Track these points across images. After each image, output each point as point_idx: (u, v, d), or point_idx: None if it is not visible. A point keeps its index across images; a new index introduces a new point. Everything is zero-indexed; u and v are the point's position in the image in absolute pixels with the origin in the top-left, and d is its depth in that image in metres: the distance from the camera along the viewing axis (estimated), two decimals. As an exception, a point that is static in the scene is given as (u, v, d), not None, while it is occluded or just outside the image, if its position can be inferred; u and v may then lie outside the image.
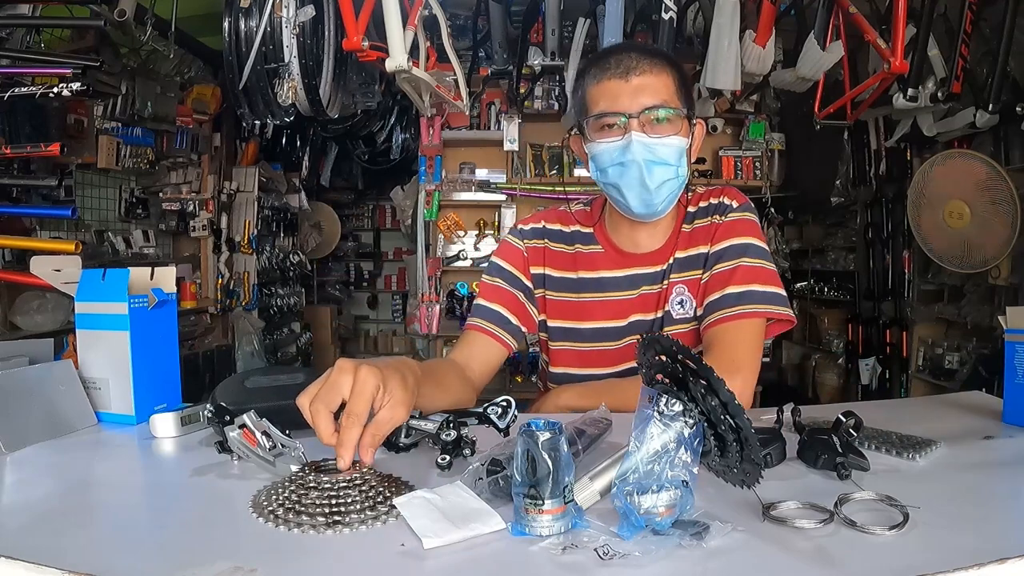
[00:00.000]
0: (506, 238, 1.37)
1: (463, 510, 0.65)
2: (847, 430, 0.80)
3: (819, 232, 5.02)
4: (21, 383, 0.96)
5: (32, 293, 2.83)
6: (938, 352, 3.67)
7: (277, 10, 2.52)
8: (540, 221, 1.35)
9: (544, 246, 1.33)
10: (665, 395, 0.66)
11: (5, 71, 2.16)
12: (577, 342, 1.29)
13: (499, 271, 1.32)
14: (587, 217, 1.33)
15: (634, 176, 1.12)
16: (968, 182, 2.84)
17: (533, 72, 3.38)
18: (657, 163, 1.12)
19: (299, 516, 0.65)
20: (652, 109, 1.10)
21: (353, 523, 0.64)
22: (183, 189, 4.04)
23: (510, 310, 1.28)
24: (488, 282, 1.32)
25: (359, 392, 0.72)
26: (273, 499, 0.68)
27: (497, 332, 1.25)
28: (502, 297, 1.29)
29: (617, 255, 1.28)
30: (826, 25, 2.60)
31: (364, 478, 0.71)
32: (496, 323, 1.26)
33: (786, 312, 1.16)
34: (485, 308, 1.28)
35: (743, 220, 1.22)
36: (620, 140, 1.12)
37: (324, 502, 0.67)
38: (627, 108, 1.11)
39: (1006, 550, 0.56)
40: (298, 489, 0.69)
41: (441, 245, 4.27)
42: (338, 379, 0.73)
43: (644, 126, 1.11)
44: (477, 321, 1.27)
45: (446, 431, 0.81)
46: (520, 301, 1.30)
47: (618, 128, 1.12)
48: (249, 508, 0.68)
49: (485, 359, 1.24)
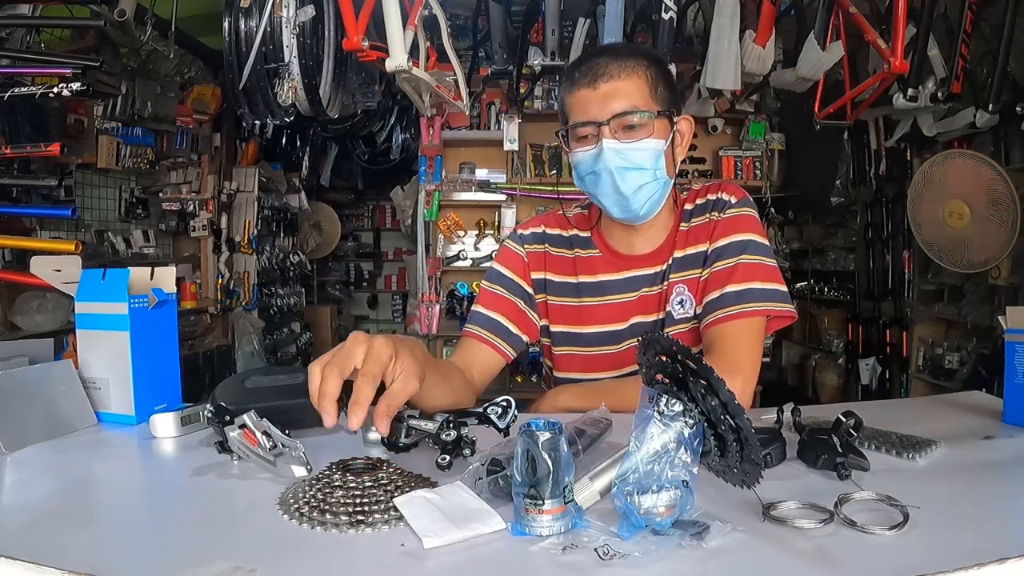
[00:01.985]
0: (506, 243, 1.37)
1: (463, 510, 0.65)
2: (847, 430, 0.80)
3: (819, 232, 5.02)
4: (21, 383, 0.96)
5: (32, 293, 2.83)
6: (938, 352, 3.67)
7: (277, 10, 2.52)
8: (540, 225, 1.35)
9: (545, 251, 1.32)
10: (665, 395, 0.66)
11: (5, 71, 2.16)
12: (579, 346, 1.28)
13: (499, 278, 1.31)
14: (584, 221, 1.33)
15: (607, 184, 1.13)
16: (968, 182, 2.84)
17: (533, 72, 3.37)
18: (630, 168, 1.11)
19: (324, 515, 0.65)
20: (621, 115, 1.10)
21: (376, 523, 0.64)
22: (183, 189, 4.05)
23: (510, 319, 1.27)
24: (488, 289, 1.31)
25: (374, 357, 0.74)
26: (300, 497, 0.69)
27: (495, 341, 1.25)
28: (502, 306, 1.28)
29: (615, 258, 1.27)
30: (826, 25, 2.60)
31: (391, 477, 0.72)
32: (494, 332, 1.26)
33: (786, 308, 1.15)
34: (484, 316, 1.27)
35: (742, 216, 1.21)
36: (593, 149, 1.12)
37: (349, 501, 0.67)
38: (597, 116, 1.11)
39: (1006, 550, 0.56)
40: (324, 487, 0.70)
41: (441, 245, 4.27)
42: (353, 347, 0.75)
43: (616, 132, 1.11)
44: (475, 329, 1.26)
45: (446, 431, 0.81)
46: (520, 309, 1.29)
47: (592, 137, 1.12)
48: (276, 506, 0.69)
49: (483, 367, 1.24)
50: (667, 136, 1.14)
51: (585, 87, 1.12)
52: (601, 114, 1.10)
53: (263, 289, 4.87)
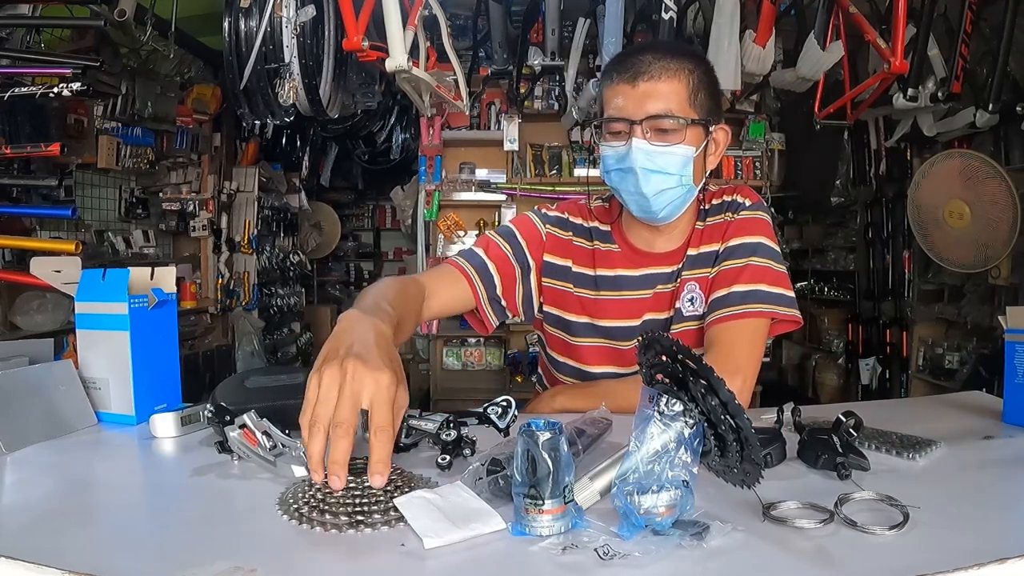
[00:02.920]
0: (528, 214, 1.34)
1: (463, 510, 0.65)
2: (847, 430, 0.80)
3: (819, 232, 5.02)
4: (21, 383, 0.96)
5: (32, 293, 2.83)
6: (938, 352, 3.67)
7: (277, 10, 2.52)
8: (564, 212, 1.33)
9: (569, 239, 1.31)
10: (665, 395, 0.66)
11: (5, 71, 2.16)
12: (597, 338, 1.28)
13: (511, 238, 1.29)
14: (606, 214, 1.32)
15: (631, 183, 1.12)
16: (968, 182, 2.84)
17: (533, 72, 3.38)
18: (656, 172, 1.10)
19: (323, 515, 0.65)
20: (655, 118, 1.08)
21: (376, 523, 0.64)
22: (183, 189, 4.04)
23: (503, 283, 1.26)
24: (495, 240, 1.28)
25: (380, 402, 0.69)
26: (300, 497, 0.69)
27: (479, 288, 1.24)
28: (502, 265, 1.26)
29: (634, 254, 1.26)
30: (826, 25, 2.60)
31: (390, 477, 0.72)
32: (483, 280, 1.24)
33: (792, 313, 1.15)
34: (481, 261, 1.25)
35: (755, 219, 1.20)
36: (622, 146, 1.11)
37: (348, 501, 0.67)
38: (631, 114, 1.10)
39: (1006, 550, 0.56)
40: (323, 487, 0.70)
41: (441, 245, 4.27)
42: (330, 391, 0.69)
43: (647, 133, 1.09)
44: (465, 266, 1.24)
45: (446, 431, 0.81)
46: (515, 279, 1.28)
47: (623, 134, 1.11)
48: (276, 506, 0.69)
49: (450, 303, 1.22)
50: (699, 144, 1.12)
51: (624, 83, 1.10)
52: (636, 113, 1.09)
53: (263, 289, 4.87)
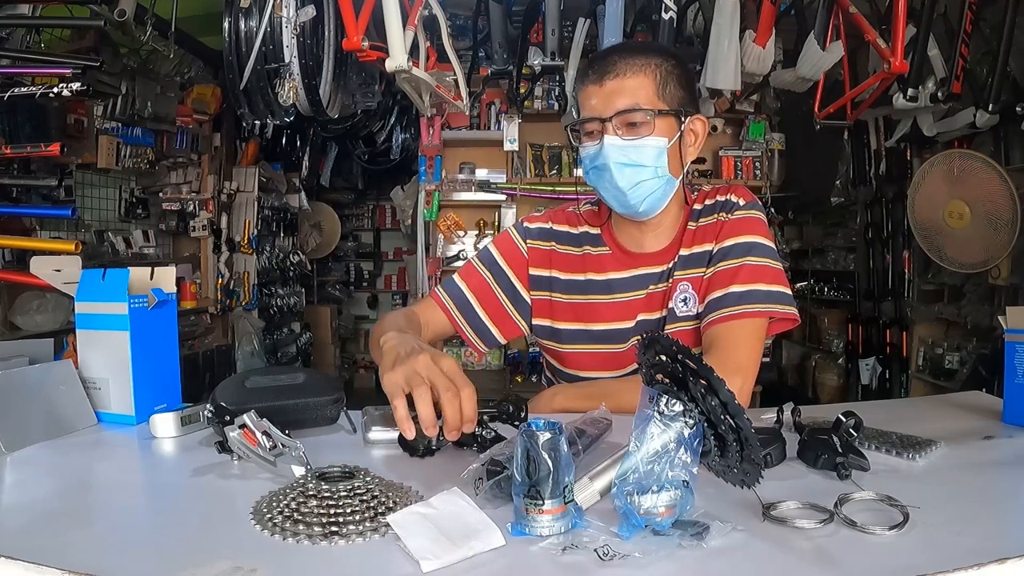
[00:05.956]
0: (509, 231, 1.36)
1: (461, 525, 0.62)
2: (847, 430, 0.80)
3: (819, 232, 5.02)
4: (21, 383, 0.96)
5: (32, 293, 2.83)
6: (938, 352, 3.67)
7: (277, 10, 2.52)
8: (548, 222, 1.34)
9: (551, 249, 1.32)
10: (665, 395, 0.66)
11: (5, 71, 2.16)
12: (589, 343, 1.28)
13: (491, 264, 1.32)
14: (595, 217, 1.33)
15: (607, 179, 1.15)
16: (968, 182, 2.84)
17: (533, 72, 3.38)
18: (629, 165, 1.13)
19: (296, 525, 0.63)
20: (624, 112, 1.11)
21: (351, 535, 0.62)
22: (183, 189, 4.04)
23: (487, 311, 1.30)
24: (476, 269, 1.33)
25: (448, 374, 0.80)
26: (274, 507, 0.67)
27: (459, 322, 1.29)
28: (483, 295, 1.30)
29: (624, 256, 1.27)
30: (826, 25, 2.60)
31: (367, 487, 0.70)
32: (463, 313, 1.29)
33: (789, 311, 1.15)
34: (460, 293, 1.30)
35: (750, 218, 1.21)
36: (596, 144, 1.14)
37: (323, 511, 0.65)
38: (601, 112, 1.13)
39: (1006, 550, 0.56)
40: (299, 497, 0.68)
41: (441, 245, 4.27)
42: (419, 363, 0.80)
43: (618, 129, 1.12)
44: (446, 300, 1.30)
45: (486, 429, 0.88)
46: (501, 304, 1.31)
47: (597, 133, 1.15)
48: (250, 515, 0.67)
49: (436, 334, 1.30)
50: (672, 135, 1.15)
51: (593, 84, 1.14)
52: (605, 110, 1.12)
53: (263, 289, 4.87)
